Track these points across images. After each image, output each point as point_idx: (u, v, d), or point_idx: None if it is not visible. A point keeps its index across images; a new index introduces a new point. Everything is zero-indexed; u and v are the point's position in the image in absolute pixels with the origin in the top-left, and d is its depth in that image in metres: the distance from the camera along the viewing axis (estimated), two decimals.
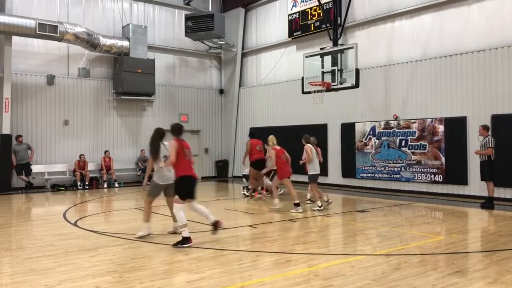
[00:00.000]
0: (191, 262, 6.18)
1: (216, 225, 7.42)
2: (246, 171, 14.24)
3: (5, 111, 15.26)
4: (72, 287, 5.19)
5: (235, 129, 20.68)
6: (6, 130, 15.28)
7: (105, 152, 17.42)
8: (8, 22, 14.88)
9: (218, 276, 5.54)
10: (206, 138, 20.94)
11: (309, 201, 11.85)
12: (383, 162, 14.69)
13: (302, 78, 14.30)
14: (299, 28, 17.55)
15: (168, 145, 7.83)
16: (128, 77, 17.64)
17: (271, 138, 11.21)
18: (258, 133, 14.69)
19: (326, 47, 14.16)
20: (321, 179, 16.29)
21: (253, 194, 13.16)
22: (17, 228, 9.56)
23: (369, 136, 15.13)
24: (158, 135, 8.17)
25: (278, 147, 11.06)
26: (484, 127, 11.13)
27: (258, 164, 13.00)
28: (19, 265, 6.12)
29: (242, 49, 20.57)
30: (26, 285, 5.24)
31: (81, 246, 7.26)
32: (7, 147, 15.23)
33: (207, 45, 20.38)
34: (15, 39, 15.63)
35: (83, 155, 16.74)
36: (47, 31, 15.50)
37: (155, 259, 6.46)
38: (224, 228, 8.62)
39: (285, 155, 11.05)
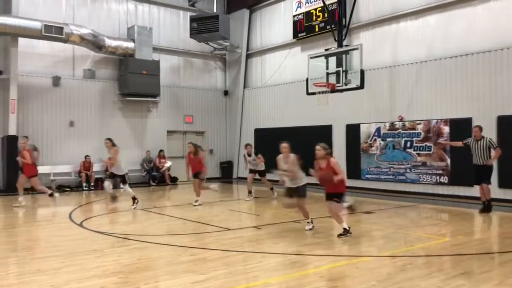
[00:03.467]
0: (196, 263, 6.19)
1: None
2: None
3: (11, 112, 15.34)
4: (78, 287, 5.21)
5: (239, 130, 20.69)
6: (12, 131, 15.37)
7: None
8: (14, 23, 14.97)
9: (223, 277, 5.55)
10: (211, 139, 20.96)
11: None
12: (388, 164, 14.66)
13: (307, 79, 14.31)
14: (304, 29, 17.56)
15: None
16: (133, 78, 17.69)
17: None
18: (264, 134, 14.63)
19: (330, 48, 14.17)
20: None
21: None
22: (24, 229, 9.61)
23: (374, 137, 15.11)
24: None
25: None
26: (481, 128, 10.59)
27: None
28: (26, 266, 6.16)
29: (247, 50, 20.59)
30: (34, 285, 5.28)
31: (86, 247, 7.29)
32: (13, 148, 15.31)
33: (212, 46, 20.42)
34: (21, 40, 15.71)
35: (88, 156, 16.80)
36: (53, 32, 15.57)
37: (161, 260, 6.48)
38: (229, 229, 8.65)
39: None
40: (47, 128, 16.61)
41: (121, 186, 12.04)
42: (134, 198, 11.67)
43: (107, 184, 11.80)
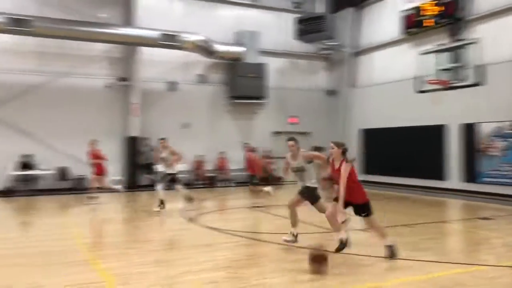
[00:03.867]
0: (302, 262, 6.20)
1: None
2: None
3: (135, 116, 16.77)
4: (190, 280, 5.52)
5: (346, 130, 20.32)
6: (135, 133, 16.85)
7: (221, 153, 18.23)
8: (136, 34, 16.39)
9: (329, 278, 5.53)
10: (316, 139, 20.84)
11: None
12: (510, 166, 13.45)
13: (417, 76, 13.68)
14: (414, 24, 16.73)
15: None
16: (241, 81, 18.31)
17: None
18: (370, 135, 14.22)
19: (444, 43, 13.40)
20: (438, 184, 15.46)
21: None
22: (143, 223, 10.41)
23: (493, 138, 13.96)
24: None
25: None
26: None
27: None
28: (145, 257, 6.67)
29: (353, 48, 20.20)
30: (151, 275, 5.69)
31: (197, 242, 7.68)
32: (135, 148, 16.74)
33: (318, 46, 20.36)
34: (141, 49, 17.08)
35: (201, 155, 17.73)
36: (169, 40, 16.67)
37: (267, 257, 6.62)
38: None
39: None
40: (164, 130, 17.72)
41: (156, 186, 11.70)
42: (162, 202, 11.21)
43: (182, 188, 11.44)
